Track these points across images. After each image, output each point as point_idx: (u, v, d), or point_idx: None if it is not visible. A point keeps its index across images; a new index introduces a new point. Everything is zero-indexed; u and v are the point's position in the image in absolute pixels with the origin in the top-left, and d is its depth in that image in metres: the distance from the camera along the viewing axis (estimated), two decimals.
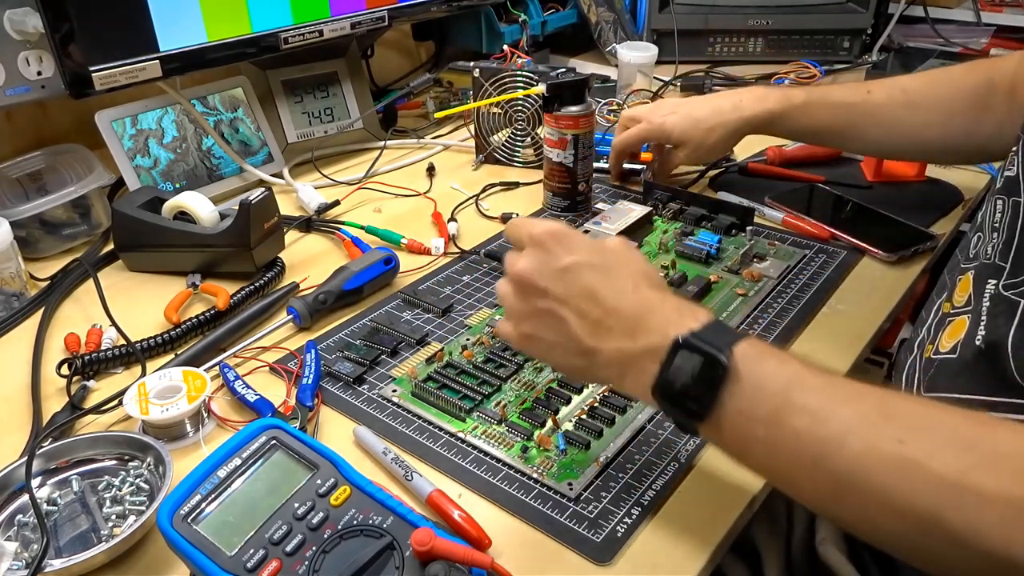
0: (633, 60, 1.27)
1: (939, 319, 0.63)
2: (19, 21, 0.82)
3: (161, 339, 0.70)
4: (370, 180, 1.04)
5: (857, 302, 0.76)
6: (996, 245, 0.57)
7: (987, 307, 0.56)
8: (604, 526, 0.52)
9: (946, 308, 0.63)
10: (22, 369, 0.68)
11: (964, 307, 0.59)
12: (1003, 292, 0.55)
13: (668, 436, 0.59)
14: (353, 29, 1.05)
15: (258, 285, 0.78)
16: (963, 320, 0.59)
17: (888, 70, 1.30)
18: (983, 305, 0.56)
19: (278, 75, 1.09)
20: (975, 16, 1.57)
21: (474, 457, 0.57)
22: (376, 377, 0.66)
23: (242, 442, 0.48)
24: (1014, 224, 0.56)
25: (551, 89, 0.90)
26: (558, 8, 1.47)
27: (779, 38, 1.47)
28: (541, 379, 0.64)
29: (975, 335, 0.56)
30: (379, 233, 0.88)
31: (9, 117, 1.00)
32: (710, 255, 0.82)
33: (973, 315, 0.58)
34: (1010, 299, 0.54)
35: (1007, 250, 0.56)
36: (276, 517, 0.45)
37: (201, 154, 0.99)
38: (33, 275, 0.81)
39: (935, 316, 0.65)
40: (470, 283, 0.80)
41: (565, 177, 0.93)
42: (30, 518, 0.52)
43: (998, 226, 0.58)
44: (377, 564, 0.43)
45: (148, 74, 0.85)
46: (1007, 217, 0.57)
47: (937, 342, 0.62)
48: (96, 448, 0.58)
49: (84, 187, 0.87)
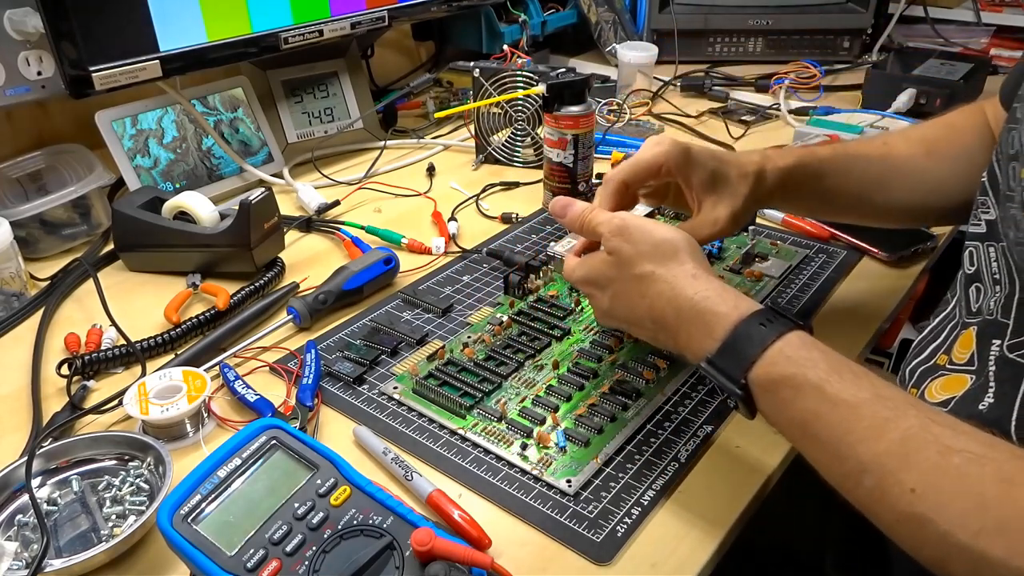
0: (633, 60, 1.27)
1: (930, 366, 0.61)
2: (19, 21, 0.82)
3: (161, 339, 0.70)
4: (370, 180, 1.04)
5: (857, 302, 0.76)
6: (999, 300, 0.55)
7: (993, 372, 0.53)
8: (604, 526, 0.52)
9: (941, 360, 0.60)
10: (22, 369, 0.68)
11: (966, 365, 0.57)
12: (1008, 354, 0.52)
13: (668, 436, 0.59)
14: (353, 29, 1.05)
15: (258, 285, 0.78)
16: (962, 378, 0.56)
17: (888, 70, 1.30)
18: (989, 369, 0.54)
19: (278, 75, 1.09)
20: (975, 16, 1.57)
21: (474, 457, 0.57)
22: (376, 377, 0.66)
23: (242, 442, 0.48)
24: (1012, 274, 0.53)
25: (551, 89, 0.90)
26: (558, 8, 1.47)
27: (779, 38, 1.47)
28: (541, 377, 0.65)
29: (980, 400, 0.54)
30: (379, 233, 0.88)
31: (9, 117, 1.00)
32: (712, 254, 0.82)
33: (978, 378, 0.55)
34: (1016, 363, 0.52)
35: (1009, 304, 0.53)
36: (276, 517, 0.45)
37: (201, 154, 0.99)
38: (33, 275, 0.81)
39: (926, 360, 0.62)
40: (470, 283, 0.80)
41: (565, 177, 0.93)
42: (30, 518, 0.52)
43: (998, 278, 0.55)
44: (377, 564, 0.43)
45: (148, 74, 0.85)
46: (1003, 267, 0.54)
47: (924, 389, 0.60)
48: (96, 448, 0.58)
49: (84, 187, 0.87)
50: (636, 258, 0.53)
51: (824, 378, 0.44)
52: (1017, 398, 0.51)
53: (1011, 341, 0.52)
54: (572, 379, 0.64)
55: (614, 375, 0.65)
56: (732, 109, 1.27)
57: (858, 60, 1.46)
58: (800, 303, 0.75)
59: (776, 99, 1.28)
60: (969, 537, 0.37)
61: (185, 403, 0.59)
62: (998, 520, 0.37)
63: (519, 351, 0.67)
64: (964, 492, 0.38)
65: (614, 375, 0.65)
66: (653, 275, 0.52)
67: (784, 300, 0.76)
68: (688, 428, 0.60)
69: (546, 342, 0.69)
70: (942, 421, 0.41)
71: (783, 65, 1.38)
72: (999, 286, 0.54)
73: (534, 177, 1.03)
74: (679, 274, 0.52)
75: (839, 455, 0.43)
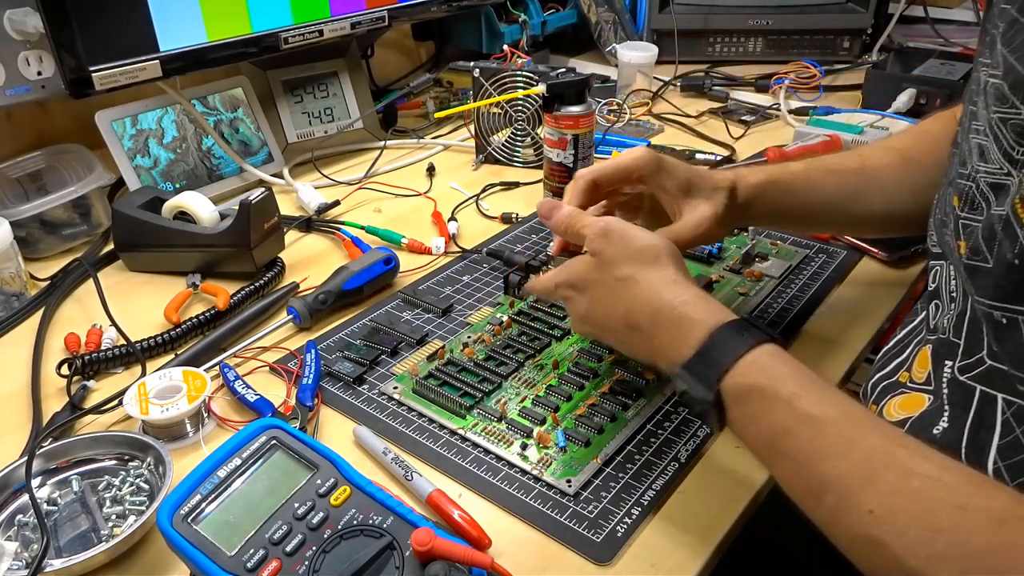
0: (633, 60, 1.27)
1: (892, 382, 0.60)
2: (19, 21, 0.82)
3: (161, 339, 0.70)
4: (370, 180, 1.04)
5: (857, 302, 0.76)
6: (951, 318, 0.54)
7: (946, 394, 0.52)
8: (604, 526, 0.52)
9: (903, 377, 0.59)
10: (22, 369, 0.68)
11: (924, 385, 0.56)
12: (958, 376, 0.51)
13: (668, 436, 0.59)
14: (353, 29, 1.05)
15: (258, 285, 0.78)
16: (921, 398, 0.56)
17: (888, 70, 1.30)
18: (943, 391, 0.53)
19: (278, 75, 1.09)
20: (975, 16, 1.57)
21: (474, 457, 0.57)
22: (376, 377, 0.66)
23: (242, 442, 0.48)
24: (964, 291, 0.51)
25: (551, 89, 0.90)
26: (558, 8, 1.47)
27: (779, 38, 1.47)
28: (541, 377, 0.65)
29: (935, 423, 0.53)
30: (379, 233, 0.88)
31: (9, 117, 1.00)
32: (712, 254, 0.82)
33: (935, 399, 0.54)
34: (967, 385, 0.51)
35: (961, 322, 0.52)
36: (276, 517, 0.45)
37: (201, 154, 0.99)
38: (33, 275, 0.81)
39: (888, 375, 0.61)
40: (470, 283, 0.80)
41: (565, 177, 0.93)
42: (30, 518, 0.52)
43: (955, 296, 0.54)
44: (377, 564, 0.43)
45: (148, 74, 0.85)
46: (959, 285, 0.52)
47: (884, 406, 0.59)
48: (96, 448, 0.58)
49: (84, 187, 0.87)
50: (618, 261, 0.54)
51: (795, 392, 0.45)
52: (967, 423, 0.50)
53: (962, 363, 0.52)
54: (572, 379, 0.64)
55: (614, 375, 0.65)
56: (732, 109, 1.27)
57: (858, 60, 1.46)
58: (800, 303, 0.75)
59: (776, 99, 1.28)
60: (920, 562, 0.37)
61: (185, 403, 0.59)
62: (948, 546, 0.37)
63: (519, 351, 0.67)
64: (919, 516, 0.38)
65: (614, 375, 0.65)
66: (633, 278, 0.53)
67: (784, 300, 0.76)
68: (688, 428, 0.60)
69: (546, 342, 0.69)
70: (905, 443, 0.42)
71: (783, 65, 1.38)
72: (954, 303, 0.54)
73: (534, 177, 1.03)
74: (659, 279, 0.52)
75: (804, 472, 0.43)
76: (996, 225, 0.47)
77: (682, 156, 1.08)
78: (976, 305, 0.49)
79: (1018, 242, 0.45)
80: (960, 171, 0.53)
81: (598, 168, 0.63)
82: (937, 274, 0.59)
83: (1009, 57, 0.48)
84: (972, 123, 0.52)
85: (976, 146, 0.51)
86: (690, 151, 1.09)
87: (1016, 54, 0.47)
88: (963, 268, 0.50)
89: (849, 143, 1.07)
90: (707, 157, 1.08)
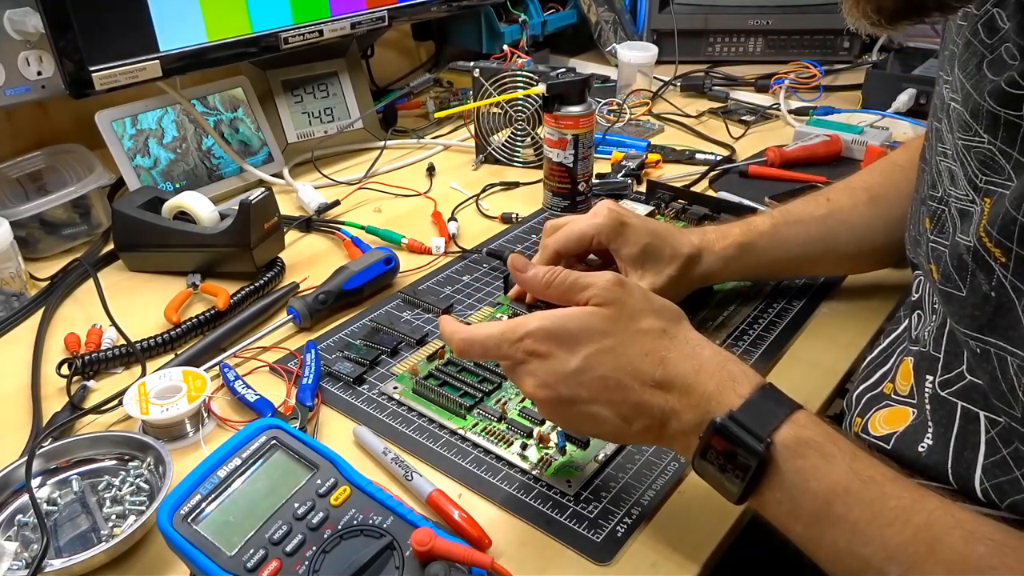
0: (633, 60, 1.27)
1: (877, 393, 0.59)
2: (19, 21, 0.82)
3: (161, 339, 0.70)
4: (370, 180, 1.04)
5: (857, 302, 0.76)
6: (931, 330, 0.53)
7: (929, 410, 0.51)
8: (604, 526, 0.52)
9: (887, 388, 0.58)
10: (22, 369, 0.68)
11: (908, 398, 0.55)
12: (940, 391, 0.51)
13: None
14: (353, 29, 1.05)
15: (258, 285, 0.78)
16: (905, 411, 0.55)
17: (888, 70, 1.30)
18: (926, 406, 0.52)
19: (278, 75, 1.09)
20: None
21: (474, 457, 0.57)
22: (376, 377, 0.66)
23: (242, 442, 0.48)
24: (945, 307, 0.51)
25: (551, 89, 0.90)
26: (558, 8, 1.47)
27: (779, 38, 1.47)
28: None
29: (920, 440, 0.52)
30: (379, 233, 0.88)
31: (9, 117, 1.00)
32: None
33: (919, 413, 0.53)
34: (948, 401, 0.50)
35: (940, 334, 0.51)
36: (276, 517, 0.45)
37: (201, 154, 0.99)
38: (33, 275, 0.81)
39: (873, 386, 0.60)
40: (470, 283, 0.80)
41: (565, 177, 0.93)
42: (30, 518, 0.52)
43: (937, 307, 0.53)
44: (377, 564, 0.43)
45: (148, 74, 0.85)
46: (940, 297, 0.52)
47: (868, 420, 0.58)
48: (96, 448, 0.58)
49: (84, 187, 0.87)
50: (643, 313, 0.49)
51: (853, 451, 0.42)
52: (951, 441, 0.49)
53: (942, 377, 0.51)
54: None
55: None
56: (732, 109, 1.27)
57: (858, 60, 1.46)
58: (800, 303, 0.75)
59: (776, 99, 1.28)
60: None
61: (185, 403, 0.59)
62: None
63: None
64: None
65: None
66: (665, 332, 0.48)
67: (785, 300, 0.76)
68: None
69: None
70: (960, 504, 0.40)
71: (783, 65, 1.38)
72: (935, 315, 0.53)
73: (534, 177, 1.03)
74: (694, 336, 0.49)
75: (864, 539, 0.40)
76: (965, 256, 0.46)
77: (682, 156, 1.09)
78: (954, 326, 0.48)
79: (995, 275, 0.43)
80: (931, 193, 0.53)
81: (560, 238, 0.64)
82: (920, 284, 0.59)
83: (966, 84, 0.47)
84: (939, 145, 0.52)
85: (946, 170, 0.51)
86: (690, 151, 1.09)
87: (971, 80, 0.47)
88: (938, 292, 0.50)
89: (849, 143, 1.07)
90: (707, 157, 1.08)
